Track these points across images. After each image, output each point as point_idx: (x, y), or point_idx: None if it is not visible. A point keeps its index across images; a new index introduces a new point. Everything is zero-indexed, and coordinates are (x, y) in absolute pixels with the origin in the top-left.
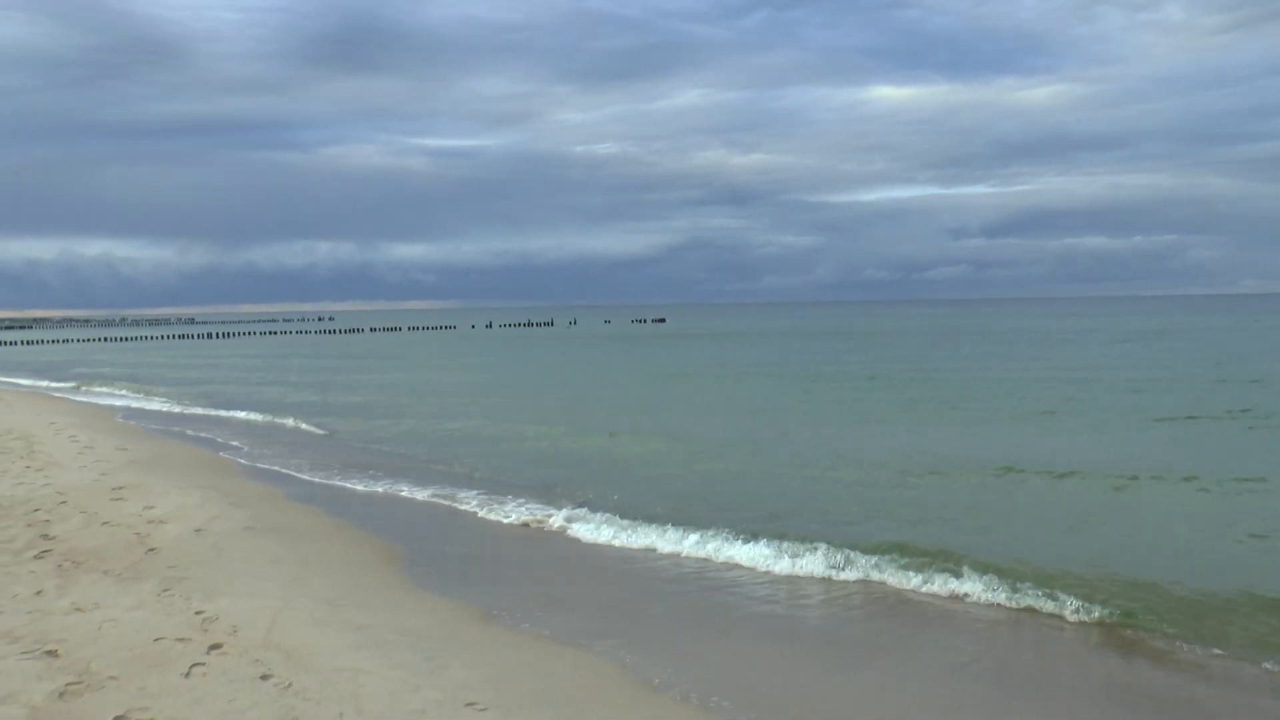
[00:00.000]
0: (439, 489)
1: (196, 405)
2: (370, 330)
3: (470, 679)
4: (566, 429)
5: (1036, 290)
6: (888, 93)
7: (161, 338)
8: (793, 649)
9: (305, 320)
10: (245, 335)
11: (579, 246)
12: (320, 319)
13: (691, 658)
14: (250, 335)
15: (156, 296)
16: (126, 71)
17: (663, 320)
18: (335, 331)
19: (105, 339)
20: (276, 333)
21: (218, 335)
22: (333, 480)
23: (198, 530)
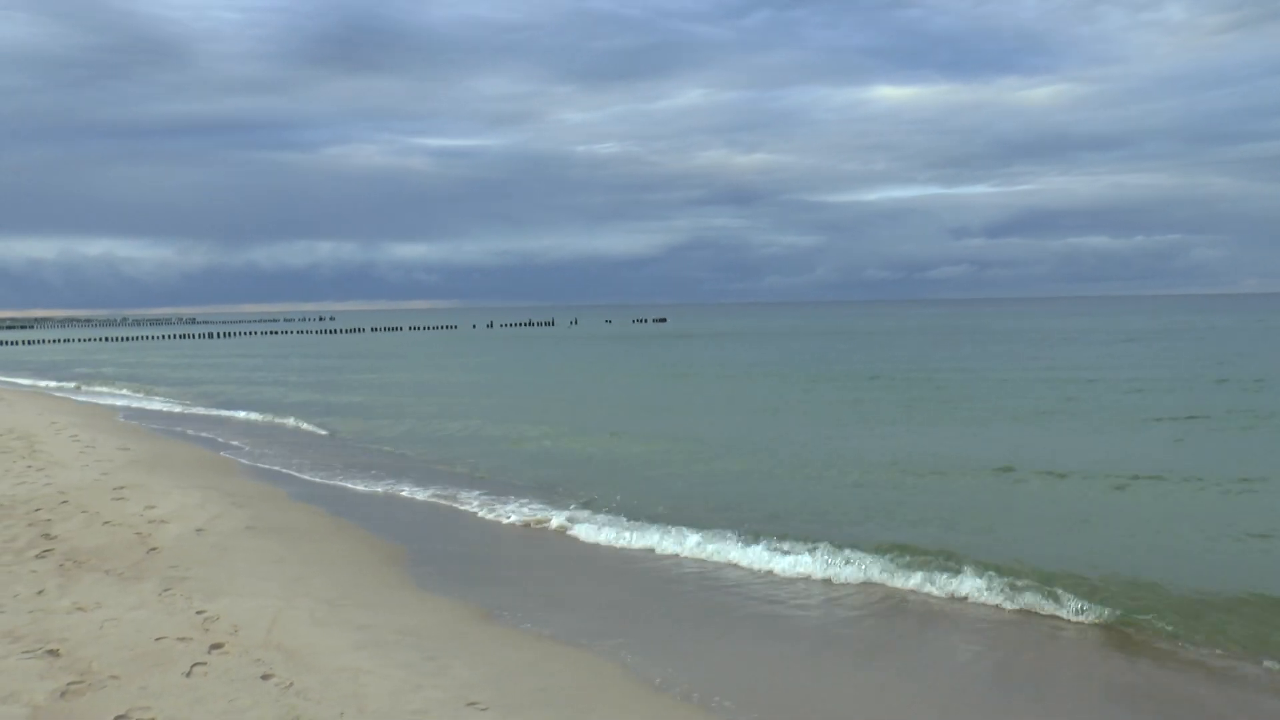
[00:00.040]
0: (440, 489)
1: (198, 405)
2: (371, 330)
3: (471, 679)
4: (567, 429)
5: (1038, 290)
6: (889, 92)
7: (163, 337)
8: (793, 649)
9: (306, 320)
10: (246, 335)
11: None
12: (321, 319)
13: (692, 657)
14: (252, 335)
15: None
16: (128, 71)
17: (664, 320)
18: (336, 331)
19: (106, 339)
20: (278, 332)
21: (219, 335)
22: (334, 480)
23: (199, 530)
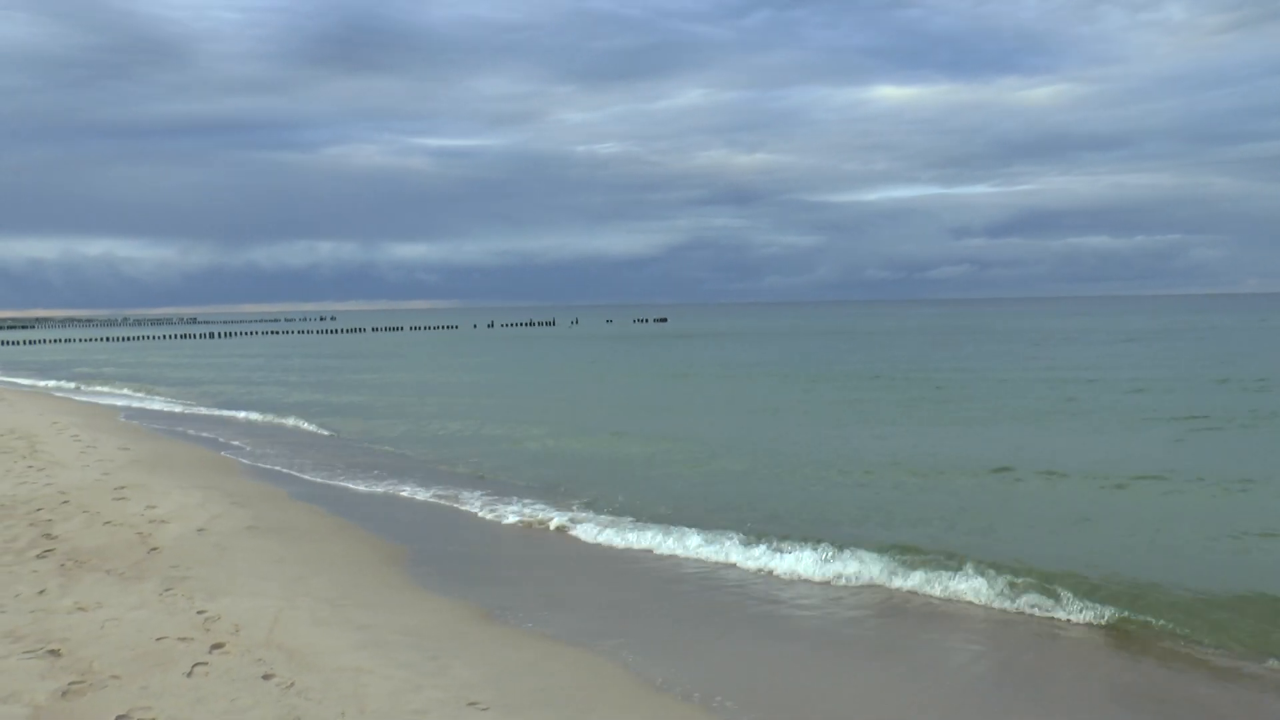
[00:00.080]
0: (441, 489)
1: (199, 405)
2: (372, 330)
3: (472, 678)
4: (568, 429)
5: (1039, 290)
6: (889, 92)
7: (164, 337)
8: (794, 649)
9: (307, 320)
10: (247, 335)
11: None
12: (322, 319)
13: (693, 657)
14: (252, 335)
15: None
16: (128, 71)
17: (664, 320)
18: (337, 331)
19: (107, 339)
20: (278, 332)
21: (220, 335)
22: (335, 480)
23: (200, 530)
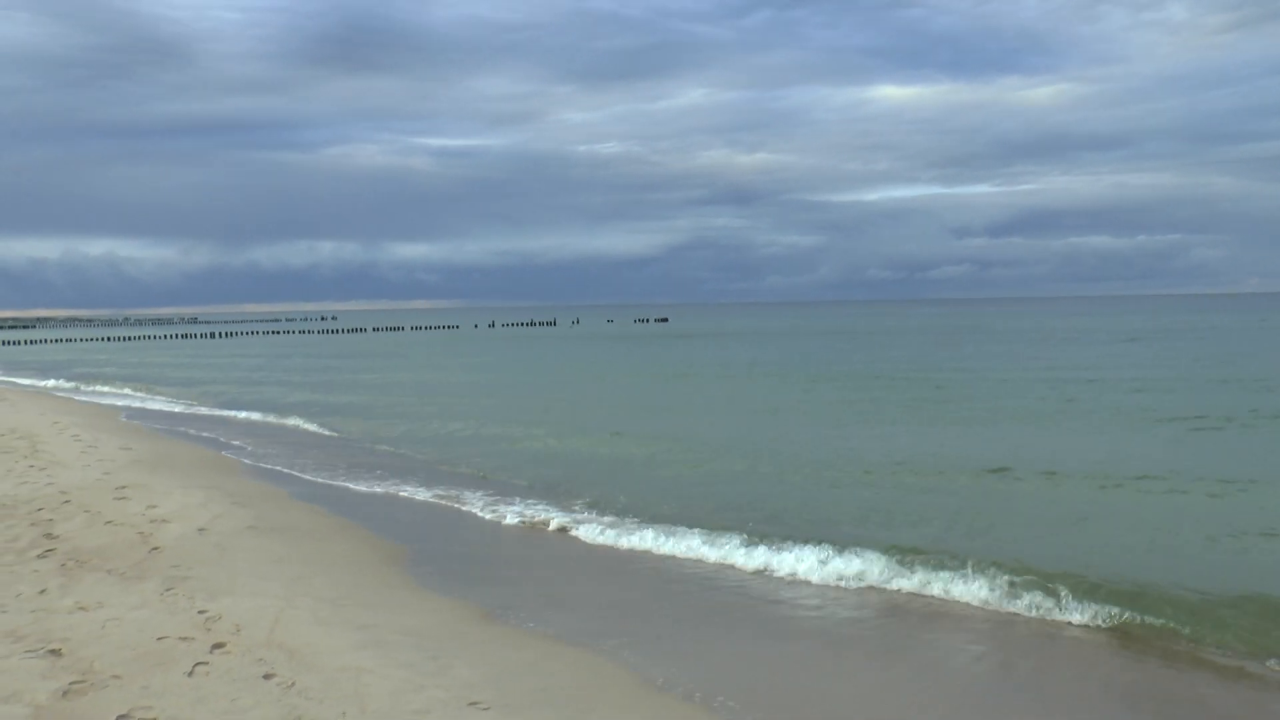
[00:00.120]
0: (441, 489)
1: (200, 405)
2: (373, 330)
3: (473, 678)
4: (569, 429)
5: (1040, 290)
6: (890, 92)
7: (165, 337)
8: (795, 649)
9: (308, 320)
10: (248, 335)
11: (582, 246)
12: (323, 318)
13: (694, 657)
14: (253, 335)
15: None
16: (129, 71)
17: (665, 320)
18: (338, 331)
19: (108, 338)
20: (280, 332)
21: (221, 335)
22: (336, 480)
23: (201, 529)
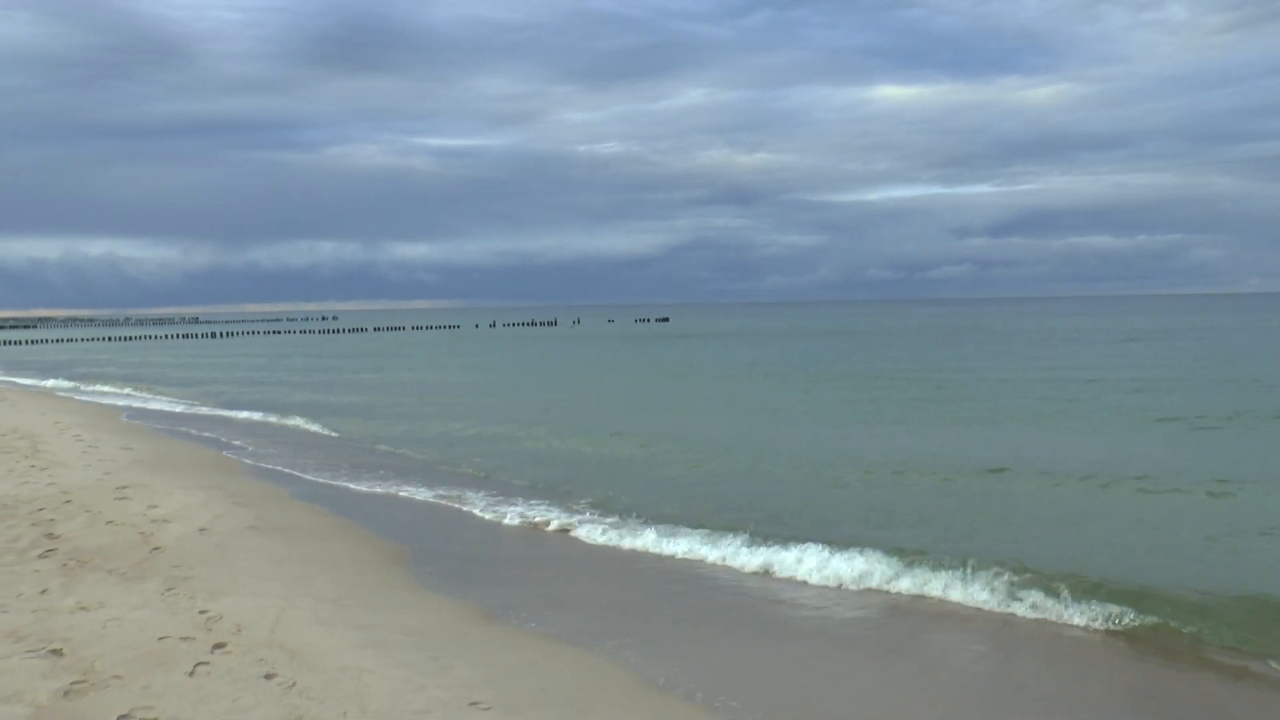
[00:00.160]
0: (442, 489)
1: (201, 405)
2: (374, 330)
3: (473, 678)
4: (569, 429)
5: (1040, 290)
6: (890, 92)
7: (165, 337)
8: (795, 649)
9: (309, 320)
10: (249, 335)
11: (582, 246)
12: (324, 318)
13: (694, 657)
14: (254, 335)
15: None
16: (129, 71)
17: (666, 320)
18: (339, 331)
19: (109, 338)
20: (280, 332)
21: (222, 335)
22: (337, 480)
23: (202, 529)
